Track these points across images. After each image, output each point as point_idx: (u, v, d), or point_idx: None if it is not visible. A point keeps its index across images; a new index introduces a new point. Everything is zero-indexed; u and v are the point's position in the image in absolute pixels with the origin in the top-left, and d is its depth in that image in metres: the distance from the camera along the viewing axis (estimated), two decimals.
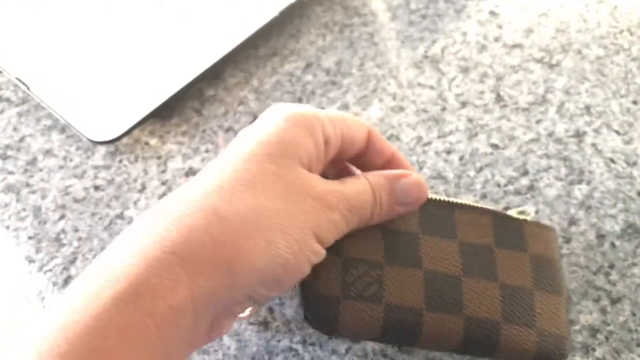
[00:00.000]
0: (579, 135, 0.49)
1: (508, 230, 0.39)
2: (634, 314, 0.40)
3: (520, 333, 0.36)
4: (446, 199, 0.40)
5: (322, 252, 0.32)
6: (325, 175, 0.34)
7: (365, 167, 0.38)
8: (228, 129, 0.50)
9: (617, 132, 0.49)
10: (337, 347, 0.40)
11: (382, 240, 0.37)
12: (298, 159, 0.32)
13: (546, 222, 0.44)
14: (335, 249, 0.36)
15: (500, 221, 0.40)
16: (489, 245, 0.39)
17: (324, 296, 0.36)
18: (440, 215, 0.39)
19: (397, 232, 0.38)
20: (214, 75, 0.53)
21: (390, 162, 0.37)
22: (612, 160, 0.47)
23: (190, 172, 0.47)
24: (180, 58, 0.51)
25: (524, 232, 0.40)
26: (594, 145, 0.48)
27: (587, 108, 0.50)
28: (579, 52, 0.53)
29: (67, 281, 0.43)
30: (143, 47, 0.53)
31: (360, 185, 0.34)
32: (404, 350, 0.40)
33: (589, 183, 0.46)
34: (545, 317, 0.37)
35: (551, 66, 0.53)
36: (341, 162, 0.39)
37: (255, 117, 0.50)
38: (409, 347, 0.38)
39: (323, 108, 0.50)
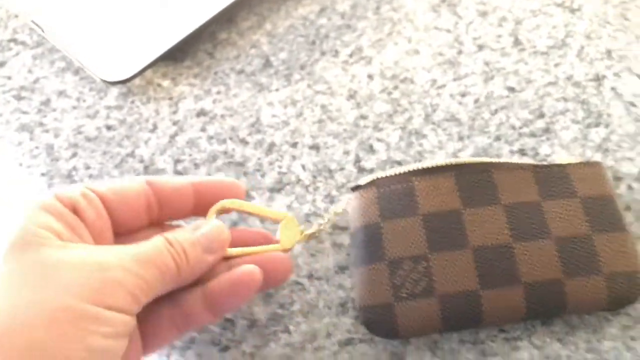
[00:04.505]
0: (598, 79, 0.47)
1: (552, 179, 0.38)
2: None
3: (586, 283, 0.35)
4: (480, 160, 0.39)
5: (119, 318, 0.28)
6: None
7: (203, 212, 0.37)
8: (240, 72, 0.49)
9: (639, 76, 0.47)
10: (344, 281, 0.39)
11: (423, 229, 0.36)
12: (34, 241, 0.29)
13: None
14: (377, 255, 0.36)
15: (542, 171, 0.38)
16: (535, 201, 0.37)
17: (377, 306, 0.35)
18: (478, 180, 0.38)
19: (438, 215, 0.37)
20: (228, 18, 0.52)
21: (200, 193, 0.36)
22: (632, 104, 0.46)
23: (202, 113, 0.47)
24: (193, 1, 0.51)
25: (569, 176, 0.38)
26: (613, 89, 0.47)
27: (609, 52, 0.49)
28: None
29: None
30: None
31: (153, 241, 0.32)
32: None
33: (607, 126, 0.45)
34: (611, 259, 0.36)
35: (572, 10, 0.51)
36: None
37: (267, 60, 0.50)
38: (474, 328, 0.37)
39: (337, 52, 0.50)
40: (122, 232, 0.35)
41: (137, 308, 0.30)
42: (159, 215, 0.36)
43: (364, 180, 0.40)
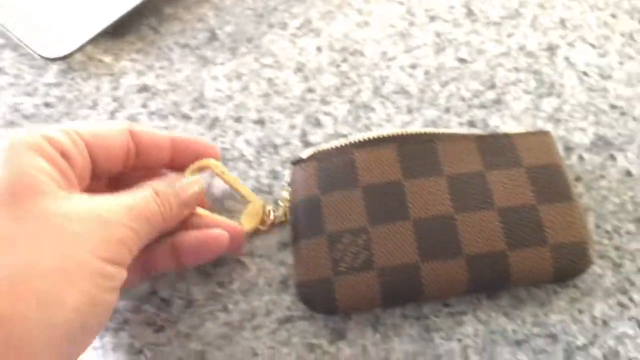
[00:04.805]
0: (551, 48, 0.46)
1: (497, 149, 0.37)
2: (598, 227, 0.38)
3: (531, 255, 0.34)
4: (424, 130, 0.38)
5: (119, 272, 0.29)
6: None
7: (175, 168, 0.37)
8: (184, 46, 0.48)
9: (592, 46, 0.46)
10: (286, 258, 0.38)
11: (363, 201, 0.35)
12: (37, 189, 0.28)
13: None
14: (317, 229, 0.35)
15: (486, 141, 0.37)
16: (478, 171, 0.36)
17: (315, 281, 0.34)
18: (421, 151, 0.37)
19: (379, 187, 0.36)
20: None
21: (177, 150, 0.36)
22: (585, 74, 0.45)
23: (144, 89, 0.46)
24: None
25: (515, 146, 0.37)
26: (566, 58, 0.46)
27: (562, 21, 0.47)
28: None
29: None
30: None
31: (142, 192, 0.32)
32: None
33: (559, 96, 0.44)
34: (558, 229, 0.35)
35: None
36: (154, 172, 0.37)
37: (213, 34, 0.48)
38: (416, 302, 0.36)
39: (285, 24, 0.48)
40: (98, 176, 0.34)
41: (130, 261, 0.30)
42: (135, 163, 0.35)
43: (305, 153, 0.38)
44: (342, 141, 0.38)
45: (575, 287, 0.37)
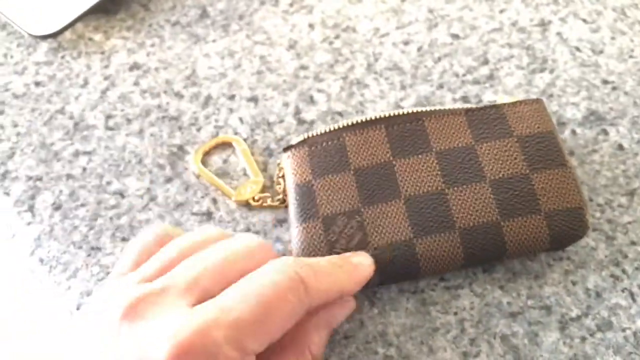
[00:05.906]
0: (544, 24, 0.46)
1: (486, 122, 0.37)
2: (591, 200, 0.39)
3: (525, 224, 0.34)
4: (412, 109, 0.38)
5: None
6: None
7: None
8: (175, 23, 0.47)
9: (585, 21, 0.46)
10: (282, 234, 0.38)
11: (355, 183, 0.36)
12: None
13: None
14: (311, 213, 0.35)
15: (475, 115, 0.37)
16: (468, 145, 0.36)
17: None
18: (409, 130, 0.37)
19: (370, 168, 0.36)
20: None
21: None
22: (578, 49, 0.45)
23: (135, 67, 0.45)
24: None
25: (505, 116, 0.37)
26: (559, 34, 0.46)
27: None
28: None
29: (4, 175, 0.41)
30: None
31: None
32: None
33: (551, 71, 0.44)
34: (551, 196, 0.34)
35: None
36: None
37: (204, 11, 0.48)
38: (414, 279, 0.36)
39: (277, 1, 0.48)
40: None
41: None
42: None
43: (295, 139, 0.38)
44: (331, 126, 0.38)
45: (569, 260, 0.37)
